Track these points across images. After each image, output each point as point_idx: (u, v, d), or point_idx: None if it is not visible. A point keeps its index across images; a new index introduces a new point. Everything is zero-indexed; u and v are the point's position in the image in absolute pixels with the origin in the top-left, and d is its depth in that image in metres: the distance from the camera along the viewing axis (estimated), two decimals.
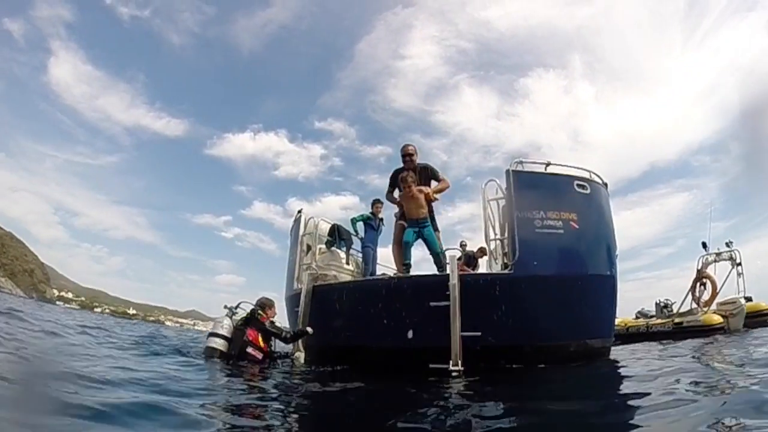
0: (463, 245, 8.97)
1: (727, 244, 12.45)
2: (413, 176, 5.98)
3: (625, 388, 3.46)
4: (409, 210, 6.07)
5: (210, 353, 5.52)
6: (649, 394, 3.02)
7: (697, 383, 3.35)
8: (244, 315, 5.80)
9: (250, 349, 5.48)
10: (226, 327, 5.64)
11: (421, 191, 6.03)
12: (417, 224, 6.01)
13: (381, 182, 6.28)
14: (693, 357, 5.51)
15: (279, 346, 5.97)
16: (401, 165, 6.34)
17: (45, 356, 4.05)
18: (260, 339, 5.58)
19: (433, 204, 6.22)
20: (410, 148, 6.30)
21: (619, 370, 4.73)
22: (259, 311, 5.74)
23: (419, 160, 6.36)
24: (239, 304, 6.04)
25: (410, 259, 6.08)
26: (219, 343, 5.53)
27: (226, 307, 5.98)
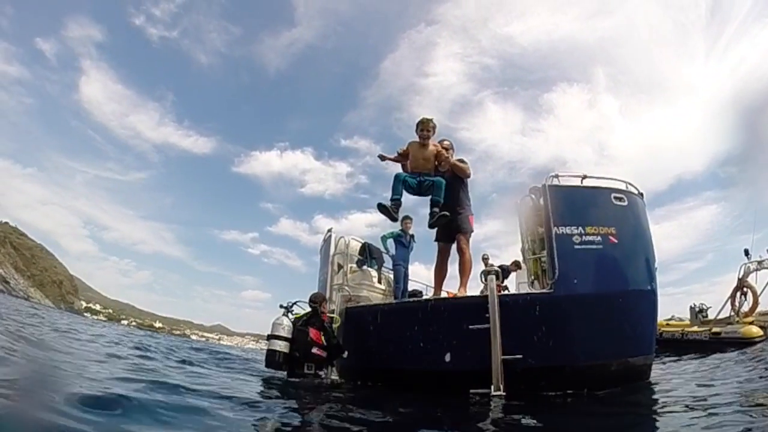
0: (485, 258, 8.84)
1: None
2: (434, 126, 5.73)
3: (674, 419, 3.26)
4: (415, 159, 5.75)
5: (272, 356, 5.44)
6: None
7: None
8: (303, 313, 5.71)
9: (315, 350, 5.40)
10: (286, 328, 5.53)
11: (437, 146, 5.77)
12: (418, 176, 5.68)
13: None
14: (741, 381, 5.25)
15: None
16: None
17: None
18: (322, 337, 5.49)
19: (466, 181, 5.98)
20: (446, 143, 6.12)
21: (663, 397, 4.51)
22: (320, 309, 5.65)
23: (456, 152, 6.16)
24: (296, 302, 5.94)
25: (400, 195, 5.63)
26: (281, 345, 5.43)
27: (281, 306, 5.87)
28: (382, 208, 5.61)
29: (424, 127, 5.72)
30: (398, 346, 5.27)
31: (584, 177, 5.32)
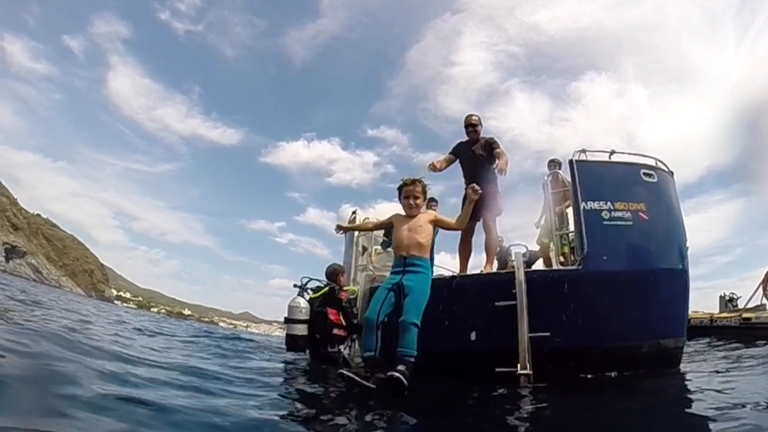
0: (499, 240, 8.69)
1: None
2: (425, 189, 4.16)
3: (702, 409, 3.12)
4: (398, 236, 4.02)
5: (293, 341, 5.34)
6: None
7: None
8: (320, 293, 5.55)
9: (335, 330, 5.35)
10: (304, 310, 5.36)
11: (431, 214, 4.29)
12: (403, 265, 3.92)
13: (433, 188, 5.26)
14: None
15: None
16: (464, 139, 5.86)
17: None
18: (341, 317, 5.45)
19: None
20: (474, 118, 5.73)
21: (691, 384, 4.36)
22: (337, 287, 5.57)
23: (483, 134, 5.79)
24: (311, 279, 5.81)
25: (375, 349, 3.69)
26: (300, 329, 5.30)
27: (296, 286, 5.70)
28: (343, 377, 3.66)
29: (409, 193, 4.07)
30: (422, 326, 5.17)
31: (612, 152, 5.19)
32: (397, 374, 3.33)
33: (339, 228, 4.91)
